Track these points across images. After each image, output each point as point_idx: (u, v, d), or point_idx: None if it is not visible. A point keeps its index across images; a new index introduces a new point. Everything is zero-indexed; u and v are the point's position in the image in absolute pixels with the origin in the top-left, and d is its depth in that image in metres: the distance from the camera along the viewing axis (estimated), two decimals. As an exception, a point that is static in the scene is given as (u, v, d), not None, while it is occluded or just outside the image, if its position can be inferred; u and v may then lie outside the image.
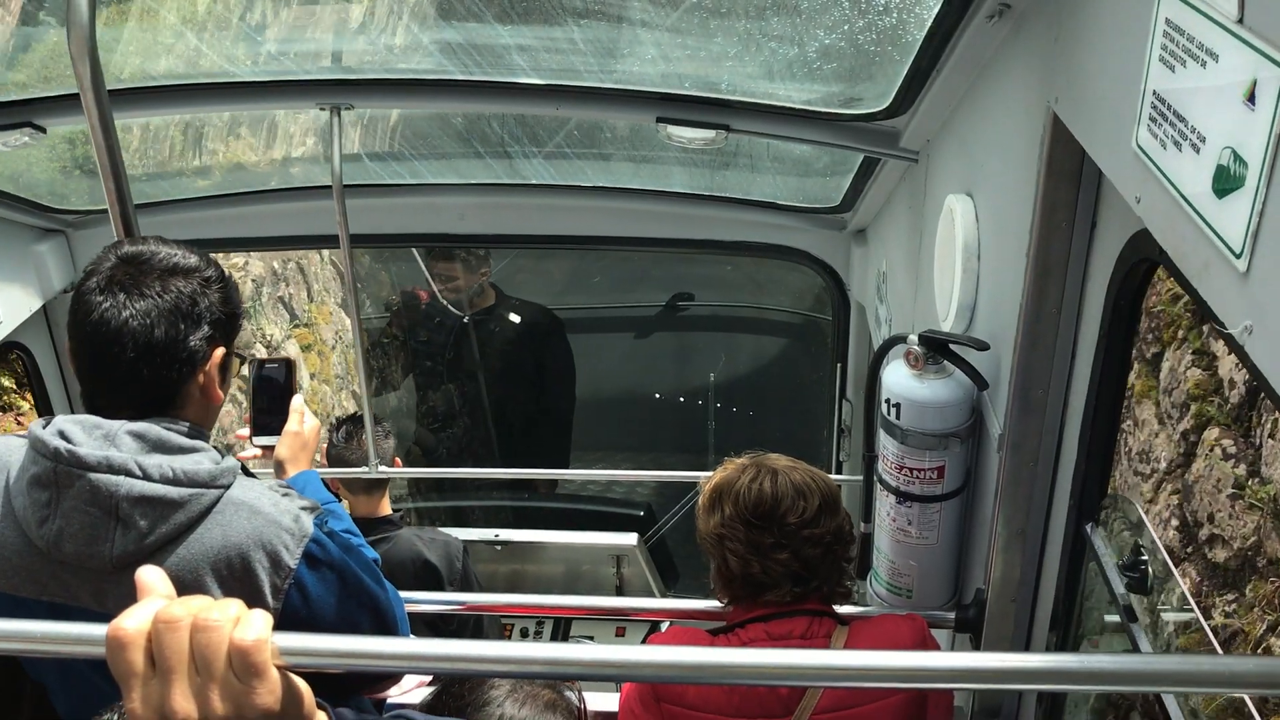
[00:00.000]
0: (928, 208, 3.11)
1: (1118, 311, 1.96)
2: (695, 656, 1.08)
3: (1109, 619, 2.26)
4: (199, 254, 2.07)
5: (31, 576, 1.93)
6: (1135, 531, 2.11)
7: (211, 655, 1.02)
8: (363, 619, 2.12)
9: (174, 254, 2.02)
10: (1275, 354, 1.17)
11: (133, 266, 1.98)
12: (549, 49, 3.25)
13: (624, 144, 4.26)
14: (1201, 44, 1.32)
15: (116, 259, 1.99)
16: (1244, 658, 1.01)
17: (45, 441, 1.86)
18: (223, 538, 1.94)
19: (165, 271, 1.98)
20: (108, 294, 1.95)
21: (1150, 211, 1.52)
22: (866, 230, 4.38)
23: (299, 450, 2.58)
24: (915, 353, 2.57)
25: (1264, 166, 1.17)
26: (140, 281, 1.96)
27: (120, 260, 1.99)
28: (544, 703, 1.89)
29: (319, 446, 2.70)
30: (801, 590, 2.37)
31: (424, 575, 4.04)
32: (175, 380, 2.00)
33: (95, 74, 2.27)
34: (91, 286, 1.97)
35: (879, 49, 2.90)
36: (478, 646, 1.09)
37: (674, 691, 2.36)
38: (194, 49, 3.22)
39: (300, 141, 5.41)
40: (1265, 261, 1.18)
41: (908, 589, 2.84)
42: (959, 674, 1.08)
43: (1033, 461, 2.35)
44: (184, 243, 2.08)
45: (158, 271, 1.98)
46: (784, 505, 2.35)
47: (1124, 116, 1.58)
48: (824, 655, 1.05)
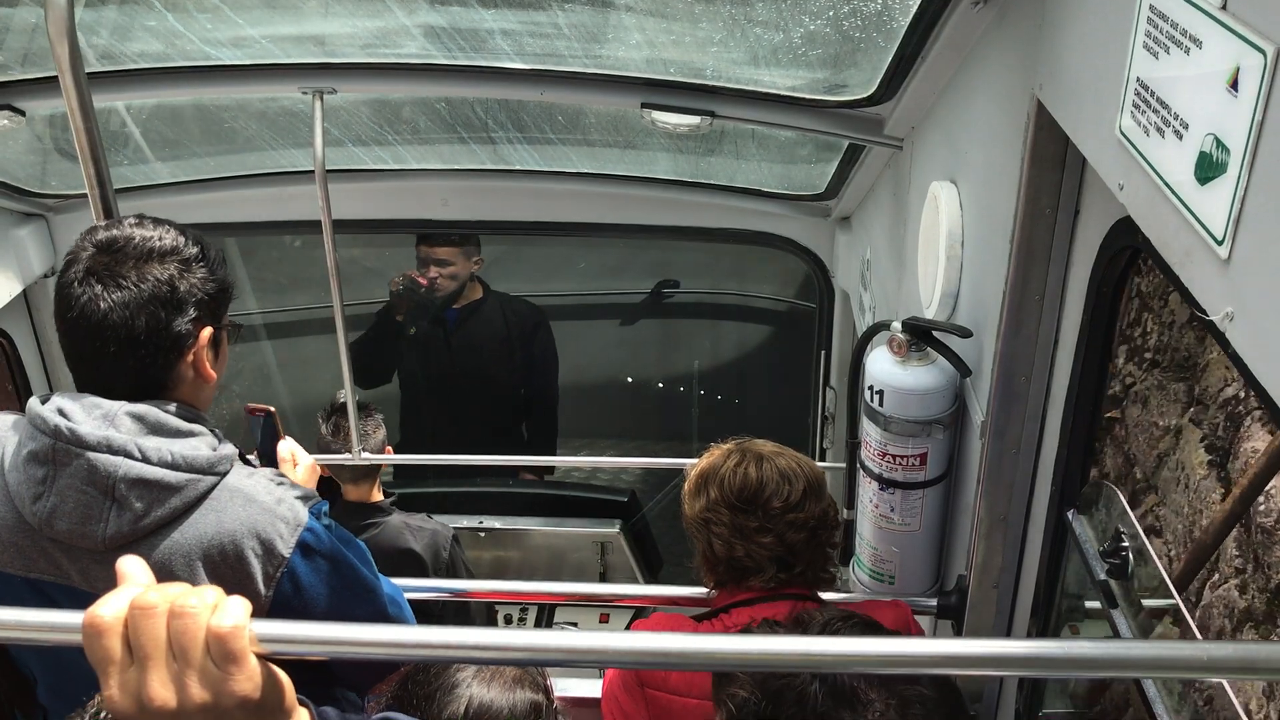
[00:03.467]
0: (912, 195, 3.11)
1: (1100, 298, 1.96)
2: (678, 642, 1.07)
3: (1090, 605, 2.27)
4: (178, 231, 2.03)
5: (20, 552, 1.92)
6: (1116, 518, 2.12)
7: (188, 642, 1.01)
8: (358, 610, 2.11)
9: (150, 236, 1.98)
10: (1255, 340, 1.17)
11: (109, 255, 1.95)
12: (533, 33, 3.22)
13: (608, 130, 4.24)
14: (1185, 30, 1.32)
15: (93, 247, 1.96)
16: (1222, 643, 1.01)
17: (45, 418, 1.85)
18: (217, 524, 1.93)
19: (142, 258, 1.95)
20: (86, 286, 1.93)
21: (1133, 198, 1.53)
22: (851, 217, 4.38)
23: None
24: (899, 340, 2.58)
25: (1246, 153, 1.17)
26: (116, 272, 1.93)
27: (97, 249, 1.96)
28: (510, 679, 1.93)
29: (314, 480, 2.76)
30: (786, 576, 2.38)
31: (408, 563, 4.02)
32: (163, 366, 1.99)
33: (74, 56, 2.25)
34: (70, 278, 1.95)
35: (864, 35, 2.89)
36: (459, 634, 1.08)
37: (657, 677, 2.36)
38: (174, 31, 3.19)
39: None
40: (1246, 249, 1.18)
41: (890, 575, 2.85)
42: (941, 660, 1.08)
43: (1015, 448, 2.36)
44: (163, 221, 2.04)
45: (134, 259, 1.95)
46: (768, 490, 2.36)
47: (1107, 103, 1.58)
48: (806, 641, 1.05)
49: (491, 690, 1.90)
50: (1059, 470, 2.21)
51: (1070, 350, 2.11)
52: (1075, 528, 2.17)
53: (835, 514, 2.48)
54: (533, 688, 1.95)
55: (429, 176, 4.35)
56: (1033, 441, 2.34)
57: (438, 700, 1.87)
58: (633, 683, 2.40)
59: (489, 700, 1.89)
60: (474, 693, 1.89)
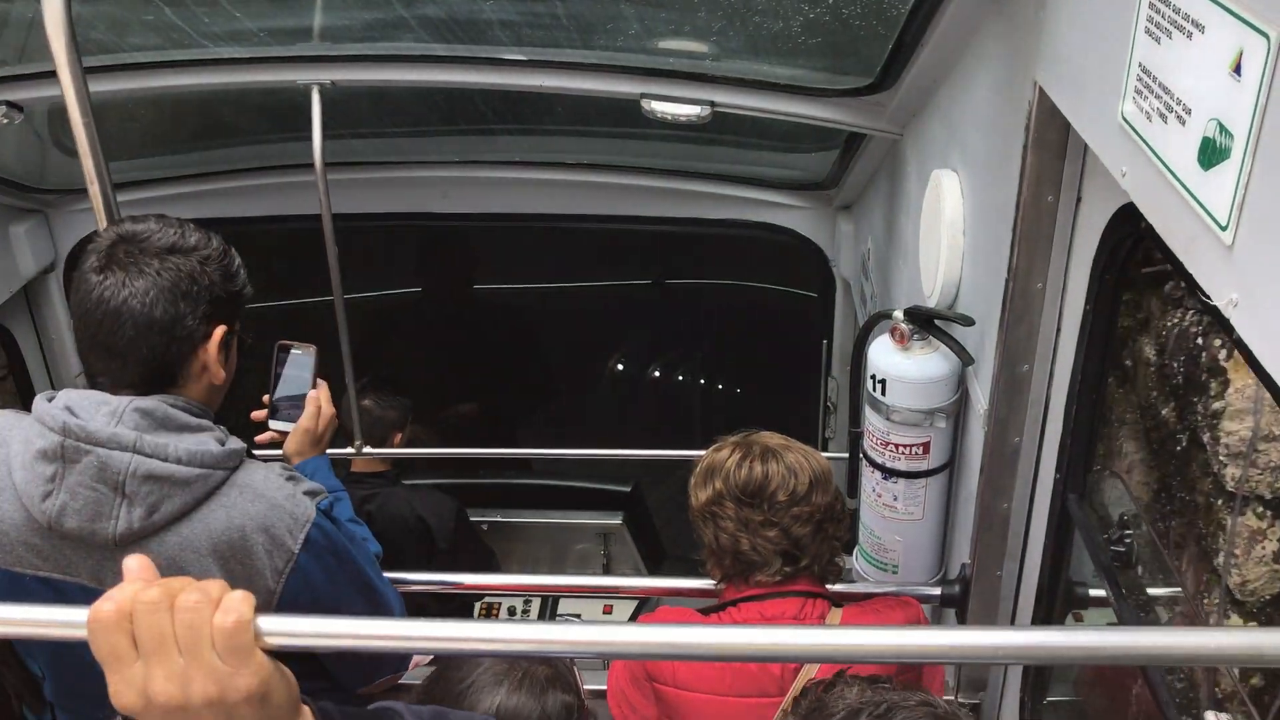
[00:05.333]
0: (913, 183, 3.10)
1: (1103, 286, 1.95)
2: (684, 634, 1.07)
3: (1094, 592, 2.27)
4: (200, 231, 2.05)
5: (30, 551, 1.92)
6: (1120, 506, 2.12)
7: (194, 637, 1.01)
8: (361, 608, 2.12)
9: (173, 231, 2.00)
10: (1260, 326, 1.17)
11: (131, 244, 1.97)
12: (532, 24, 3.22)
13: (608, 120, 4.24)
14: (1188, 15, 1.31)
15: (115, 236, 1.98)
16: (1230, 631, 1.01)
17: (53, 415, 1.86)
18: (226, 519, 1.93)
19: (164, 250, 1.97)
20: (106, 272, 1.94)
21: (1136, 185, 1.52)
22: (852, 206, 4.37)
23: (309, 445, 2.57)
24: (901, 329, 2.57)
25: (1249, 138, 1.16)
26: (139, 260, 1.95)
27: (119, 238, 1.98)
28: (543, 679, 1.89)
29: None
30: (792, 569, 2.37)
31: (414, 530, 4.06)
32: (175, 359, 2.00)
33: (71, 50, 2.24)
34: (90, 265, 1.96)
35: (863, 23, 2.89)
36: (464, 627, 1.08)
37: (665, 671, 2.36)
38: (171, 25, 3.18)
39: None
40: (1250, 234, 1.17)
41: (893, 564, 2.85)
42: (945, 650, 1.08)
43: (1017, 436, 2.36)
44: (186, 220, 2.06)
45: (156, 249, 1.97)
46: (773, 483, 2.35)
47: (1109, 89, 1.57)
48: (813, 632, 1.05)
49: (521, 696, 1.85)
50: (1062, 458, 2.20)
51: (1073, 338, 2.10)
52: (1078, 515, 2.17)
53: (842, 506, 2.46)
54: (564, 688, 1.90)
55: (429, 168, 4.34)
56: (1035, 429, 2.33)
57: (466, 705, 1.84)
58: (641, 676, 2.40)
59: (516, 706, 1.85)
60: (502, 699, 1.85)
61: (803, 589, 2.37)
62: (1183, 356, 1.88)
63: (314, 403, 2.59)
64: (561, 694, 1.90)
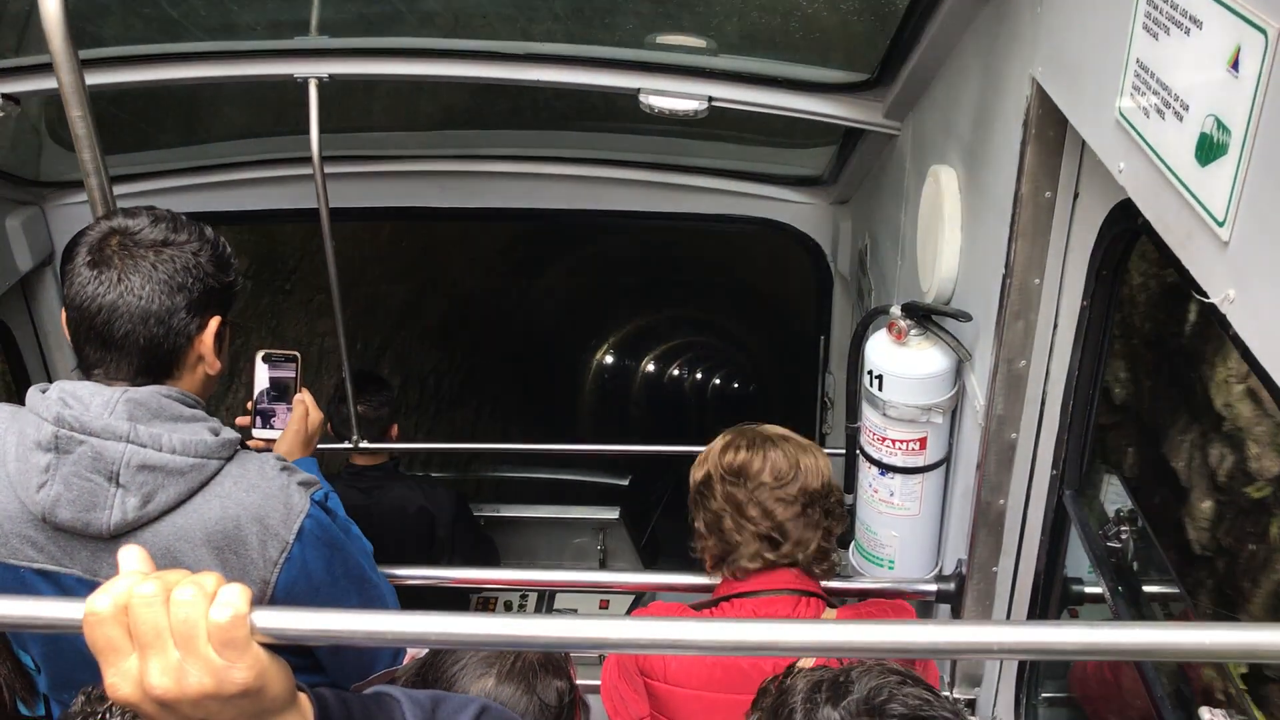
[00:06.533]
0: (911, 179, 3.10)
1: (1100, 282, 1.95)
2: (676, 629, 1.07)
3: (1090, 588, 2.27)
4: (192, 223, 2.06)
5: (26, 543, 1.92)
6: (1116, 502, 2.12)
7: (189, 630, 1.01)
8: (354, 600, 2.12)
9: (165, 224, 2.00)
10: (1256, 323, 1.17)
11: (125, 237, 1.97)
12: (530, 17, 3.21)
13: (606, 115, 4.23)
14: (1185, 10, 1.31)
15: (108, 229, 1.98)
16: (1224, 627, 1.01)
17: (47, 406, 1.86)
18: (220, 510, 1.93)
19: (158, 242, 1.97)
20: (101, 266, 1.94)
21: (1133, 180, 1.52)
22: (849, 202, 4.37)
23: (299, 447, 2.61)
24: (898, 324, 2.57)
25: (1247, 134, 1.16)
26: (133, 252, 1.95)
27: (112, 231, 1.98)
28: (536, 663, 1.88)
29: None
30: (774, 556, 2.35)
31: (416, 519, 4.08)
32: (170, 350, 1.99)
33: (68, 42, 2.23)
34: (84, 259, 1.96)
35: (861, 19, 2.89)
36: (459, 621, 1.08)
37: (656, 668, 2.36)
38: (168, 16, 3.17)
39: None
40: (1247, 230, 1.17)
41: (889, 560, 2.85)
42: (940, 645, 1.08)
43: (1014, 432, 2.35)
44: (179, 214, 2.06)
45: (150, 242, 1.97)
46: (757, 464, 2.36)
47: (1107, 85, 1.57)
48: (806, 627, 1.05)
49: (513, 679, 1.84)
50: (1058, 454, 2.21)
51: (1070, 334, 2.10)
52: (1075, 511, 2.17)
53: (838, 499, 2.45)
54: (556, 673, 1.90)
55: (426, 162, 4.33)
56: (1032, 425, 2.33)
57: (458, 688, 1.84)
58: (633, 671, 2.40)
59: (508, 691, 1.84)
60: (493, 684, 1.84)
61: (795, 586, 2.36)
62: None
63: (301, 405, 2.64)
64: (554, 679, 1.90)
